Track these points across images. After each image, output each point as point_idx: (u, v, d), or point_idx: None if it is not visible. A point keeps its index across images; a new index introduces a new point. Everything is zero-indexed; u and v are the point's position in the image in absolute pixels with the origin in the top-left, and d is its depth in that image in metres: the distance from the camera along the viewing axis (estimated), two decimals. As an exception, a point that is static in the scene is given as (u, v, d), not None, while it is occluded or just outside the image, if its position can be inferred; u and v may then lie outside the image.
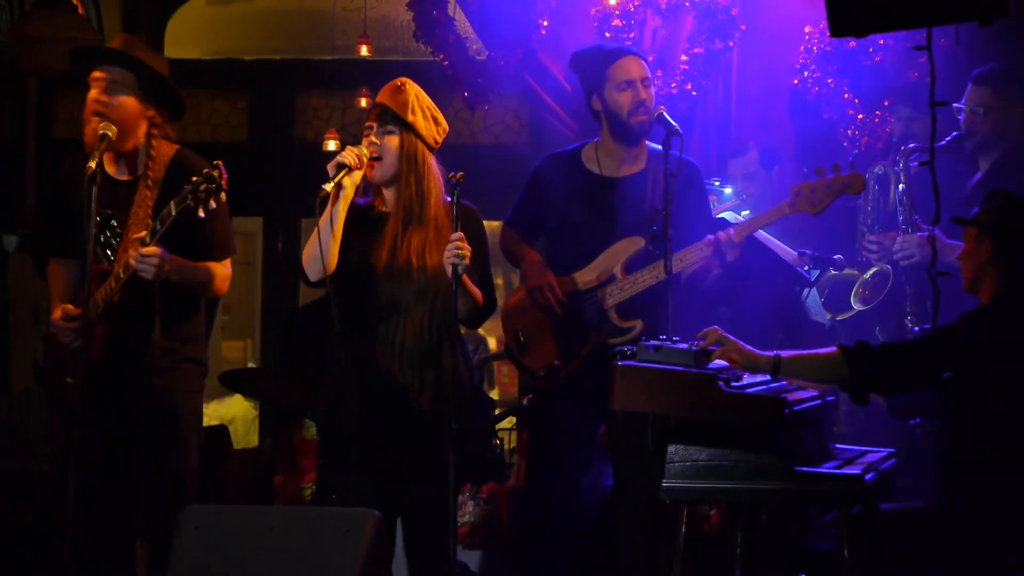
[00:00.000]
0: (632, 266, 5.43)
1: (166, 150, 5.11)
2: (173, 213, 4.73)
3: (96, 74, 5.04)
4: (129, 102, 5.04)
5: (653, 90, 5.55)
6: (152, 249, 4.76)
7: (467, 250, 4.59)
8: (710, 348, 4.48)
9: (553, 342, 5.50)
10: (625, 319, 5.42)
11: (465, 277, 4.65)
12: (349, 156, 4.69)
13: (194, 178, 4.69)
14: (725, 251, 5.28)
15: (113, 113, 4.99)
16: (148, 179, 5.01)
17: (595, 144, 5.66)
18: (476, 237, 4.82)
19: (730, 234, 5.27)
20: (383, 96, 4.86)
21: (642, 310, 5.41)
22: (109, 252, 5.02)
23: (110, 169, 5.08)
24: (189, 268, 4.98)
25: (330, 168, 4.68)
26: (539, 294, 5.46)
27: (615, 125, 5.55)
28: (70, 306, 5.00)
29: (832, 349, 4.49)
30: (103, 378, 4.91)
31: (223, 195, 4.70)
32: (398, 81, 4.88)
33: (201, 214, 4.69)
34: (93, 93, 5.02)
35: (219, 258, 5.14)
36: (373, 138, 4.82)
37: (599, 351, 5.34)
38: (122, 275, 4.85)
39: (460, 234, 4.60)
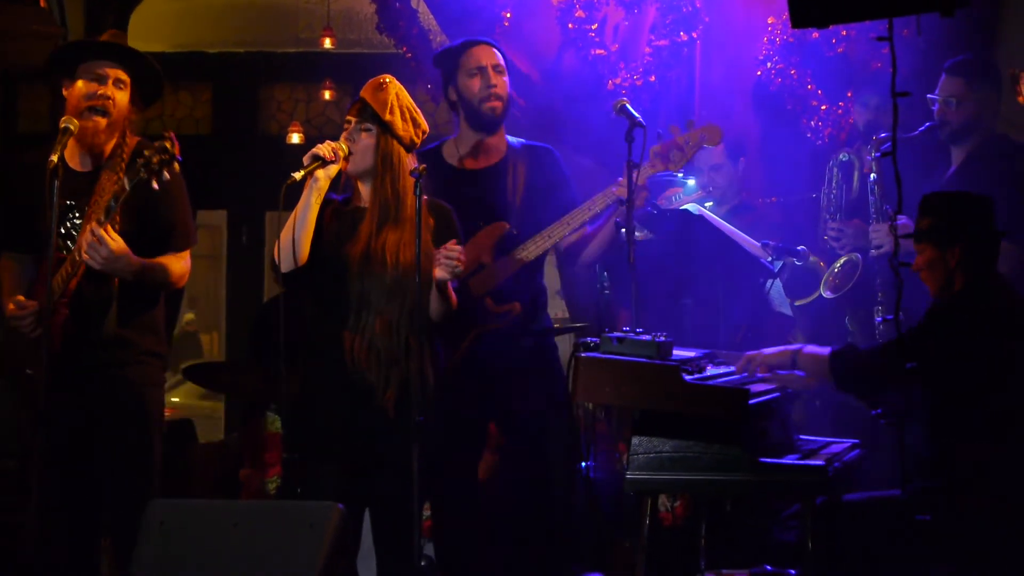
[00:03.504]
0: (498, 252, 5.44)
1: (130, 141, 5.09)
2: (127, 187, 4.71)
3: (98, 70, 4.98)
4: (126, 100, 5.04)
5: (507, 78, 5.57)
6: (108, 232, 4.74)
7: (462, 262, 4.65)
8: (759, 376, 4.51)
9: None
10: (499, 304, 5.42)
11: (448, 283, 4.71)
12: (324, 149, 4.74)
13: (146, 151, 4.68)
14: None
15: (114, 110, 4.98)
16: (111, 168, 4.98)
17: (455, 139, 5.71)
18: (453, 236, 4.84)
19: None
20: (365, 91, 4.89)
21: (514, 293, 5.41)
22: (70, 243, 4.97)
23: (72, 161, 5.03)
24: (145, 266, 4.93)
25: (305, 159, 4.72)
26: None
27: (468, 112, 5.60)
28: (21, 296, 4.95)
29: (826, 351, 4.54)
30: (64, 369, 4.86)
31: (176, 166, 4.70)
32: (383, 78, 4.91)
33: (155, 186, 4.67)
34: (101, 89, 4.95)
35: (179, 248, 5.11)
36: (348, 134, 4.85)
37: (481, 340, 5.36)
38: (78, 259, 4.82)
39: (458, 248, 4.67)
